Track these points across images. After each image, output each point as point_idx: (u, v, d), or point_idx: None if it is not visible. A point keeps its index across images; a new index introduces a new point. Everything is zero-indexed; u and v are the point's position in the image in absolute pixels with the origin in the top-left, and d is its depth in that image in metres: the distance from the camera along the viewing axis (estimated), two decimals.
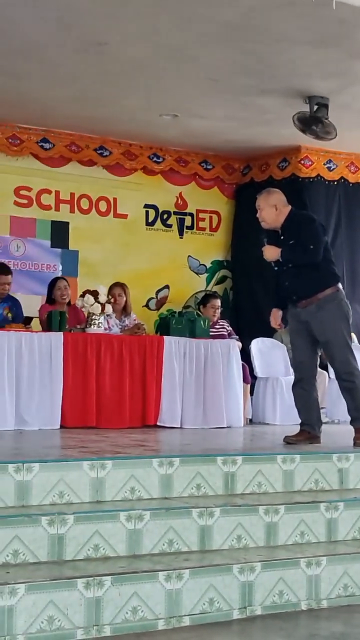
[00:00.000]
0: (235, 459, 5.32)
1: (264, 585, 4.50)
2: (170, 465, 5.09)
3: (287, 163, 11.19)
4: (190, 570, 4.33)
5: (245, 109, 9.57)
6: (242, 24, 7.30)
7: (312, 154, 11.06)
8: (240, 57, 8.05)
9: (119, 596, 4.11)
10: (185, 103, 9.45)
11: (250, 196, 11.58)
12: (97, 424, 8.09)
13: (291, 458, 5.50)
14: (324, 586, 4.68)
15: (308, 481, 5.54)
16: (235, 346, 9.06)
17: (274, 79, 8.61)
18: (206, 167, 11.54)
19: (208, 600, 4.33)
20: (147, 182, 11.21)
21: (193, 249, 11.58)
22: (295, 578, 4.61)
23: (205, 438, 7.40)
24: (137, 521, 4.55)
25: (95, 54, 7.99)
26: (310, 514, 5.07)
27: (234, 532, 4.82)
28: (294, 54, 7.94)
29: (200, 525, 4.73)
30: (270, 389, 9.83)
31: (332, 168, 11.21)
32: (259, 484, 5.36)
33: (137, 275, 10.82)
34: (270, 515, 4.94)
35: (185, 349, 8.68)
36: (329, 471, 5.61)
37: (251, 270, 11.49)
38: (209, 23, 7.29)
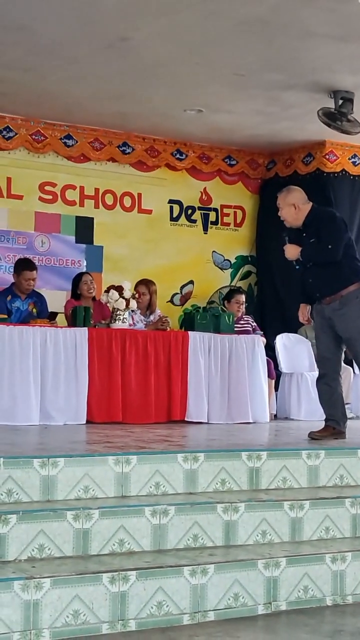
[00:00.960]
0: (260, 455, 5.31)
1: (289, 580, 4.50)
2: (195, 460, 5.10)
3: (311, 158, 11.15)
4: (215, 565, 4.34)
5: (270, 103, 9.55)
6: (267, 20, 7.29)
7: (337, 148, 11.02)
8: (265, 52, 8.04)
9: (144, 591, 4.12)
10: (210, 98, 9.45)
11: (274, 191, 11.47)
12: (123, 419, 8.11)
13: (316, 454, 5.49)
14: (349, 581, 4.67)
15: (333, 477, 5.53)
16: (260, 341, 9.04)
17: (299, 73, 8.59)
18: (230, 163, 11.53)
19: (233, 595, 4.34)
20: (171, 178, 11.22)
21: (217, 244, 11.58)
22: (320, 573, 4.60)
23: (230, 433, 7.40)
24: (162, 516, 4.56)
25: (119, 50, 8.01)
26: (335, 510, 5.06)
27: (258, 528, 4.82)
28: (319, 49, 7.92)
29: (225, 520, 4.73)
30: (295, 384, 9.81)
31: (357, 163, 11.16)
32: (284, 480, 5.36)
33: (162, 271, 10.83)
34: (295, 510, 4.93)
35: (210, 345, 8.68)
36: (354, 467, 5.60)
37: (276, 265, 11.46)
38: (234, 18, 7.29)
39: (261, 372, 8.90)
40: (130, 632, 4.05)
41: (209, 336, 8.71)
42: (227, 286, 11.46)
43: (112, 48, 7.96)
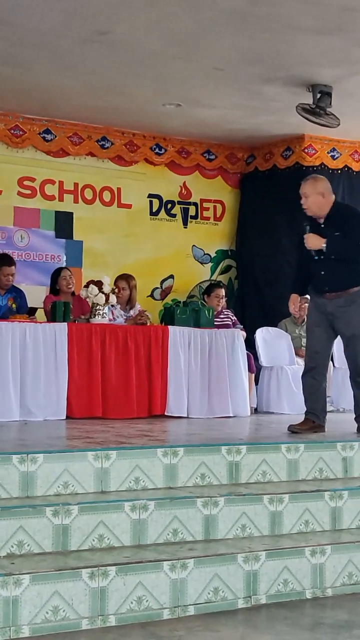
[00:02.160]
0: (239, 449, 5.32)
1: (269, 574, 4.51)
2: (175, 455, 5.10)
3: (291, 152, 11.17)
4: (195, 559, 4.34)
5: (249, 97, 9.55)
6: (247, 12, 7.28)
7: (316, 142, 11.05)
8: (245, 46, 8.03)
9: (123, 586, 4.12)
10: (189, 92, 9.43)
11: (254, 185, 11.66)
12: (103, 414, 8.09)
13: (295, 447, 5.51)
14: (328, 575, 4.69)
15: (312, 470, 5.54)
16: (240, 335, 9.06)
17: (278, 67, 8.58)
18: (209, 157, 11.52)
19: (213, 589, 4.34)
20: (150, 172, 11.21)
21: (197, 238, 11.58)
22: (300, 567, 4.62)
23: (210, 427, 7.41)
24: (141, 511, 4.56)
25: (98, 45, 7.98)
26: (315, 503, 5.08)
27: (238, 522, 4.82)
28: (299, 42, 7.92)
29: (204, 514, 4.74)
30: (275, 378, 9.82)
31: (335, 157, 11.19)
32: (264, 473, 5.37)
33: (142, 265, 10.83)
34: (275, 504, 4.94)
35: (190, 339, 8.68)
36: (333, 460, 5.62)
37: (255, 259, 11.51)
38: (214, 11, 7.27)
39: (241, 366, 8.91)
40: (110, 627, 4.05)
41: (189, 330, 8.71)
42: (207, 280, 11.46)
43: (91, 42, 7.93)
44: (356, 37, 7.76)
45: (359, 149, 11.33)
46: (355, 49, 8.05)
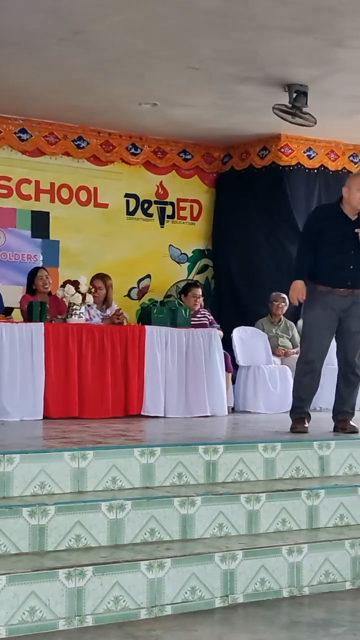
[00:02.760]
0: (216, 448, 5.32)
1: (246, 573, 4.51)
2: (152, 454, 5.10)
3: (267, 151, 11.19)
4: (172, 559, 4.34)
5: (225, 97, 9.56)
6: (223, 12, 7.28)
7: (292, 142, 11.07)
8: (221, 45, 8.03)
9: (100, 586, 4.11)
10: (165, 91, 9.43)
11: (230, 185, 11.67)
12: (79, 414, 8.07)
13: (272, 446, 5.52)
14: (305, 573, 4.70)
15: (289, 469, 5.55)
16: (217, 335, 9.06)
17: (255, 67, 8.59)
18: (185, 157, 11.53)
19: (190, 589, 4.34)
20: (127, 172, 11.20)
21: (174, 238, 11.58)
22: (277, 566, 4.62)
23: (187, 427, 7.41)
24: (118, 511, 4.55)
25: (74, 44, 7.96)
26: (292, 502, 5.09)
27: (215, 521, 4.82)
28: (275, 42, 7.93)
29: (181, 514, 4.73)
30: (252, 377, 9.83)
31: (312, 156, 11.22)
32: (241, 472, 5.37)
33: (119, 265, 10.81)
34: (252, 503, 4.95)
35: (166, 339, 8.67)
36: (310, 459, 5.63)
37: (232, 259, 11.52)
38: (190, 11, 7.27)
39: (218, 365, 8.91)
40: (87, 627, 4.04)
41: (165, 330, 8.70)
42: (184, 280, 11.47)
43: (67, 41, 7.91)
44: (332, 37, 7.78)
45: (335, 148, 11.37)
46: (331, 49, 8.07)
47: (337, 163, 11.37)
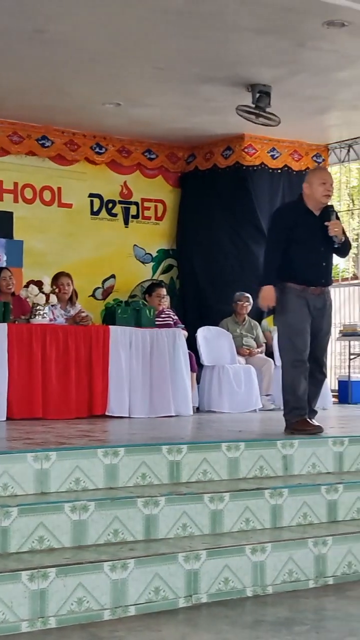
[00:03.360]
0: (180, 448, 5.32)
1: (209, 573, 4.51)
2: (115, 455, 5.08)
3: (231, 151, 11.22)
4: (136, 559, 4.33)
5: (189, 97, 9.57)
6: (187, 12, 7.29)
7: (256, 142, 11.11)
8: (185, 45, 8.05)
9: (64, 587, 4.09)
10: (129, 91, 9.42)
11: (194, 185, 11.68)
12: (43, 415, 8.04)
13: (236, 446, 5.52)
14: (269, 572, 4.70)
15: (253, 468, 5.56)
16: (181, 335, 9.07)
17: (219, 67, 8.61)
18: (150, 157, 11.53)
19: (154, 589, 4.33)
20: (91, 171, 11.18)
21: (139, 238, 11.58)
22: (241, 565, 4.62)
23: (152, 427, 7.40)
24: (81, 512, 4.54)
25: (37, 43, 7.94)
26: (255, 501, 5.09)
27: (179, 521, 4.82)
28: (239, 42, 7.96)
29: (145, 514, 4.73)
30: (217, 377, 9.84)
31: (275, 156, 11.26)
32: (204, 472, 5.37)
33: (83, 265, 10.80)
34: (215, 503, 4.95)
35: (131, 339, 8.66)
36: (273, 458, 5.64)
37: (196, 258, 11.53)
38: (154, 11, 7.27)
39: (182, 365, 8.92)
40: (51, 629, 4.02)
41: (130, 330, 8.69)
42: (149, 280, 11.46)
43: (30, 40, 7.88)
44: (295, 37, 7.82)
45: (298, 148, 11.42)
46: (295, 49, 8.11)
47: (301, 163, 11.42)
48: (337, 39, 7.78)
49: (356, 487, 5.47)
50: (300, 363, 6.57)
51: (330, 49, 8.05)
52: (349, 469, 5.90)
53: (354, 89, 9.25)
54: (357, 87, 9.17)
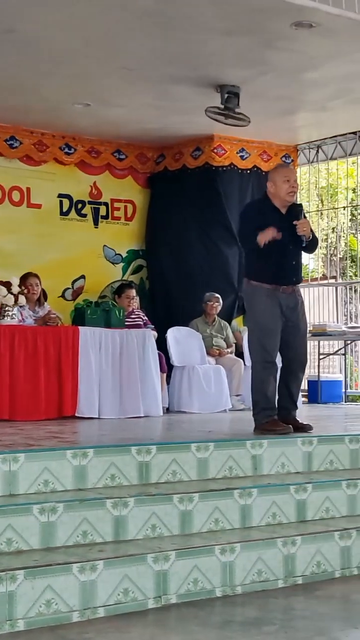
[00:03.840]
0: (149, 449, 5.32)
1: (179, 573, 4.51)
2: (84, 456, 5.07)
3: (200, 152, 11.22)
4: (105, 561, 4.32)
5: (158, 97, 9.56)
6: (156, 13, 7.28)
7: (225, 142, 11.12)
8: (154, 46, 8.04)
9: (32, 590, 4.07)
10: (99, 92, 9.40)
11: (163, 185, 11.67)
12: (12, 416, 8.00)
13: (205, 446, 5.53)
14: (238, 572, 4.71)
15: (222, 468, 5.57)
16: (151, 335, 9.07)
17: (188, 67, 8.61)
18: (119, 157, 11.51)
19: (123, 590, 4.33)
20: (60, 172, 11.14)
21: (108, 238, 11.55)
22: (210, 565, 4.63)
23: (121, 428, 7.40)
24: (50, 514, 4.52)
25: (6, 43, 7.89)
26: (224, 501, 5.10)
27: (148, 522, 4.82)
28: (208, 43, 7.96)
29: (114, 515, 4.72)
30: (187, 378, 9.85)
31: (245, 157, 11.28)
32: (174, 473, 5.37)
33: (53, 266, 10.76)
34: (185, 503, 4.95)
35: (100, 339, 8.66)
36: (242, 458, 5.65)
37: (166, 259, 11.53)
38: (124, 11, 7.26)
39: (152, 365, 8.92)
40: (19, 632, 4.00)
41: (99, 331, 8.68)
42: (119, 280, 11.45)
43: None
44: (264, 38, 7.83)
45: (267, 149, 11.45)
46: (263, 50, 8.13)
47: (270, 164, 11.43)
48: (305, 40, 7.80)
49: (325, 487, 5.49)
50: (270, 364, 6.58)
51: (299, 50, 8.07)
52: (317, 469, 5.93)
53: (322, 90, 9.29)
54: (326, 88, 9.21)
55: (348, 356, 12.79)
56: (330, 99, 9.63)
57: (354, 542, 5.13)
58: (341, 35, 7.67)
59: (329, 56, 8.25)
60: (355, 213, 15.06)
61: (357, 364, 14.44)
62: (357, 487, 5.59)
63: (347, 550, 5.10)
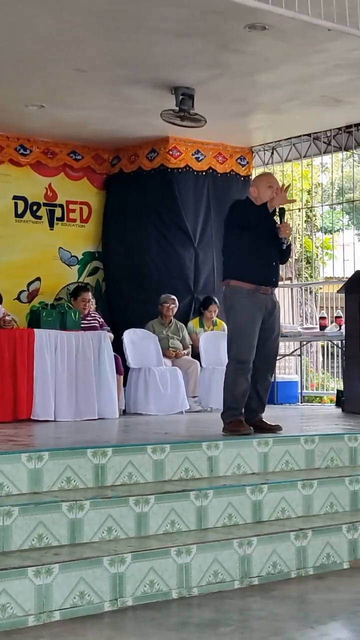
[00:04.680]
0: (105, 451, 5.30)
1: (135, 576, 4.51)
2: (40, 459, 5.05)
3: (155, 154, 11.22)
4: (60, 564, 4.30)
5: (113, 99, 9.54)
6: (110, 14, 7.26)
7: (180, 144, 11.13)
8: (109, 47, 8.02)
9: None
10: (53, 93, 9.35)
11: (119, 187, 11.65)
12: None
13: (161, 448, 5.52)
14: (194, 574, 4.71)
15: (178, 470, 5.57)
16: (107, 337, 9.05)
17: (143, 69, 8.60)
18: (75, 158, 11.48)
19: (79, 593, 4.31)
20: (15, 173, 11.07)
21: (64, 240, 11.50)
22: (166, 567, 4.63)
23: (77, 430, 7.37)
24: (5, 518, 4.49)
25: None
26: (181, 503, 5.10)
27: (104, 524, 4.80)
28: (163, 45, 7.95)
29: (70, 518, 4.70)
30: (143, 380, 9.84)
31: (200, 158, 11.30)
32: (130, 475, 5.36)
33: (8, 268, 10.69)
34: (141, 505, 4.94)
35: (56, 342, 8.62)
36: (198, 459, 5.66)
37: (122, 261, 11.51)
38: (77, 12, 7.23)
39: (108, 368, 8.91)
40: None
41: (55, 333, 8.65)
42: (75, 283, 11.41)
43: None
44: (218, 40, 7.85)
45: (222, 151, 11.47)
46: (218, 52, 8.14)
47: (225, 165, 11.49)
48: (259, 42, 7.83)
49: (281, 487, 5.52)
50: (245, 365, 6.62)
51: (253, 52, 8.10)
52: (273, 470, 5.95)
53: (276, 92, 9.34)
54: (280, 90, 9.25)
55: (304, 357, 12.86)
56: (284, 101, 9.67)
57: (309, 543, 5.16)
58: (295, 38, 7.71)
59: (283, 58, 8.29)
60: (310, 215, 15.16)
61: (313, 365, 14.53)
62: (313, 488, 5.62)
63: (302, 550, 5.13)
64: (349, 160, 15.87)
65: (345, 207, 18.09)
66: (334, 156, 11.77)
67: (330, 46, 7.94)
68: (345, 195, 13.62)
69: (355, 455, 6.33)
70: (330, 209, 14.51)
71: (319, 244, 15.73)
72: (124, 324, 10.49)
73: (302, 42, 7.84)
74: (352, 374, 9.16)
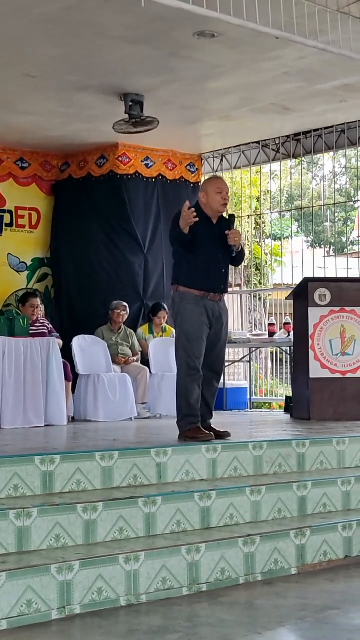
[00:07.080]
0: (53, 458, 5.27)
1: (83, 583, 4.48)
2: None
3: (105, 160, 11.21)
4: (7, 572, 4.26)
5: (63, 105, 9.52)
6: (59, 19, 7.25)
7: (130, 151, 11.13)
8: (58, 53, 8.00)
9: None
10: (2, 99, 9.29)
11: (68, 193, 11.63)
12: None
13: (110, 454, 5.50)
14: (142, 581, 4.70)
15: (127, 477, 5.54)
16: (56, 344, 9.00)
17: (93, 75, 8.59)
18: (23, 165, 11.41)
19: (26, 602, 4.27)
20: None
21: (13, 246, 11.44)
22: (114, 574, 4.60)
23: (25, 438, 7.31)
24: None
25: None
26: (129, 510, 5.08)
27: (52, 532, 4.77)
28: (112, 51, 7.95)
29: (17, 526, 4.66)
30: (92, 386, 9.81)
31: (150, 165, 11.31)
32: (78, 482, 5.33)
33: None
34: (89, 512, 4.92)
35: (4, 348, 8.55)
36: (147, 466, 5.64)
37: (71, 267, 11.48)
38: (26, 17, 7.20)
39: (56, 374, 8.86)
40: None
41: (3, 340, 8.58)
42: (24, 289, 11.34)
43: None
44: (167, 47, 7.87)
45: (172, 157, 11.49)
46: (167, 59, 8.16)
47: (175, 172, 11.51)
48: (208, 49, 7.87)
49: (229, 494, 5.52)
50: (195, 371, 6.61)
51: (202, 59, 8.13)
52: (222, 476, 5.95)
53: (225, 99, 9.38)
54: (229, 97, 9.30)
55: (253, 363, 12.91)
56: (234, 108, 9.72)
57: (257, 549, 5.17)
58: (244, 45, 7.76)
59: (233, 65, 8.33)
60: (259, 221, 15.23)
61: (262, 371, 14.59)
62: (261, 494, 5.63)
63: (250, 556, 5.13)
64: (298, 167, 15.99)
65: (294, 214, 18.23)
66: (283, 164, 11.84)
67: (279, 54, 8.00)
68: (294, 203, 13.70)
69: (303, 461, 6.36)
70: (279, 216, 14.60)
71: (268, 250, 15.81)
72: (73, 330, 10.45)
73: (252, 50, 7.89)
74: (300, 381, 9.21)
